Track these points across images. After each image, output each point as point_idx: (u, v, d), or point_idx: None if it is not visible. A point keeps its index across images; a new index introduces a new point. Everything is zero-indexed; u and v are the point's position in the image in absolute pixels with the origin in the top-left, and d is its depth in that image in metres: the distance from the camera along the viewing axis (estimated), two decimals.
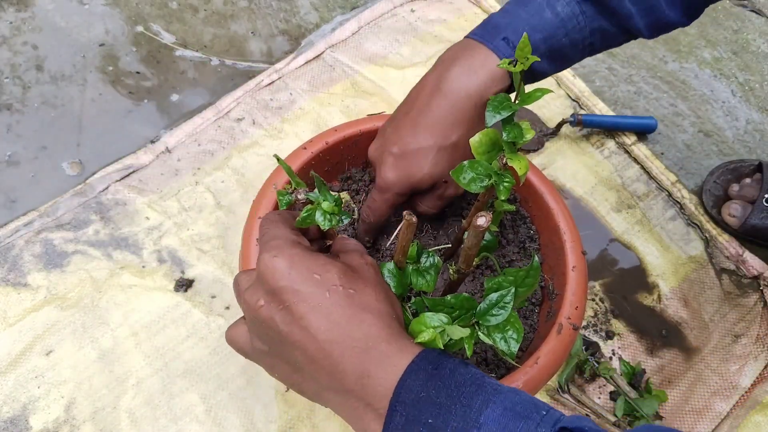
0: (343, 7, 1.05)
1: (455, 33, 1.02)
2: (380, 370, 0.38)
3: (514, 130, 0.39)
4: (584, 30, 0.57)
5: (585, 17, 0.56)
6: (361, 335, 0.39)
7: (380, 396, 0.37)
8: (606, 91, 0.99)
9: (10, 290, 0.74)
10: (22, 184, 0.82)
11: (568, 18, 0.55)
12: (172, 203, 0.81)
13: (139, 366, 0.70)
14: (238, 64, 0.96)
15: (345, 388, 0.38)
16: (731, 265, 0.84)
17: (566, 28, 0.56)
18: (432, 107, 0.55)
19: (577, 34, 0.57)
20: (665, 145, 0.94)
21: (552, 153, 0.91)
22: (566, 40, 0.56)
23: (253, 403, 0.68)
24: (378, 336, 0.39)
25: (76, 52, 0.95)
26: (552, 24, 0.55)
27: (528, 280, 0.40)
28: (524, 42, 0.36)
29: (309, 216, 0.43)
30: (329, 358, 0.38)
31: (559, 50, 0.57)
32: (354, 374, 0.38)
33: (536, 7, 0.55)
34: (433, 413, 0.36)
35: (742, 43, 1.06)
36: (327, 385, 0.39)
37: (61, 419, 0.66)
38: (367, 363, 0.38)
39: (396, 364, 0.38)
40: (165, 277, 0.76)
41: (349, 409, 0.39)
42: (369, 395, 0.38)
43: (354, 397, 0.38)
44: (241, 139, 0.87)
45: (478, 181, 0.41)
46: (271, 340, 0.41)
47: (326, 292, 0.39)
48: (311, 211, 0.43)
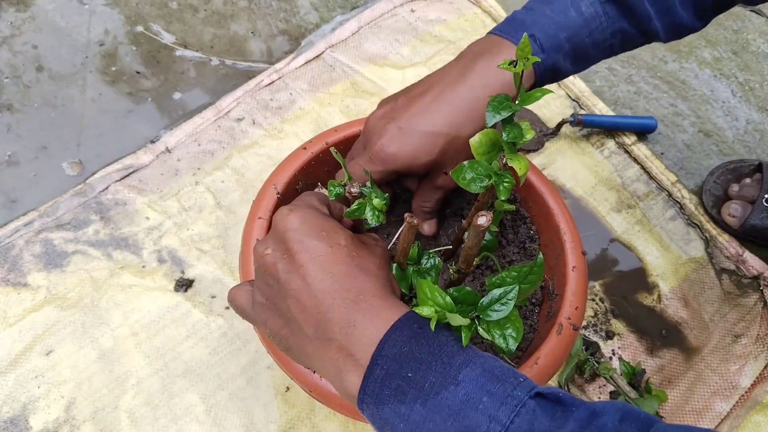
0: (343, 7, 1.04)
1: (455, 33, 1.02)
2: (367, 321, 0.39)
3: (514, 131, 0.39)
4: (606, 31, 0.57)
5: (607, 18, 0.56)
6: (354, 288, 0.40)
7: (363, 346, 0.38)
8: (606, 91, 0.99)
9: (10, 290, 0.74)
10: (23, 184, 0.82)
11: (591, 18, 0.56)
12: (172, 203, 0.81)
13: (139, 366, 0.70)
14: (238, 64, 0.96)
15: (330, 337, 0.39)
16: (731, 265, 0.84)
17: (589, 28, 0.56)
18: (452, 96, 0.54)
19: (600, 34, 0.57)
20: (665, 145, 0.94)
21: (552, 153, 0.91)
22: (589, 40, 0.57)
23: (253, 403, 0.68)
24: (370, 291, 0.40)
25: (76, 52, 0.95)
26: (576, 23, 0.55)
27: (531, 276, 0.40)
28: (524, 43, 0.36)
29: (359, 209, 0.43)
30: (319, 307, 0.39)
31: (582, 50, 0.57)
32: (340, 323, 0.39)
33: (561, 5, 0.55)
34: (413, 368, 0.36)
35: (742, 43, 1.06)
36: (313, 336, 0.40)
37: (61, 419, 0.66)
38: (355, 313, 0.39)
39: (383, 317, 0.39)
40: (165, 277, 0.76)
41: (330, 362, 0.39)
42: (352, 345, 0.38)
43: (337, 348, 0.39)
44: (241, 139, 0.87)
45: (478, 182, 0.41)
46: (271, 289, 0.42)
47: (329, 247, 0.41)
48: (362, 206, 0.44)
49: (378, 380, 0.37)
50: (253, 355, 0.71)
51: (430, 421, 0.35)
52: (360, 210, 0.43)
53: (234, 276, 0.76)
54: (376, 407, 0.37)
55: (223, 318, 0.73)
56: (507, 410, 0.34)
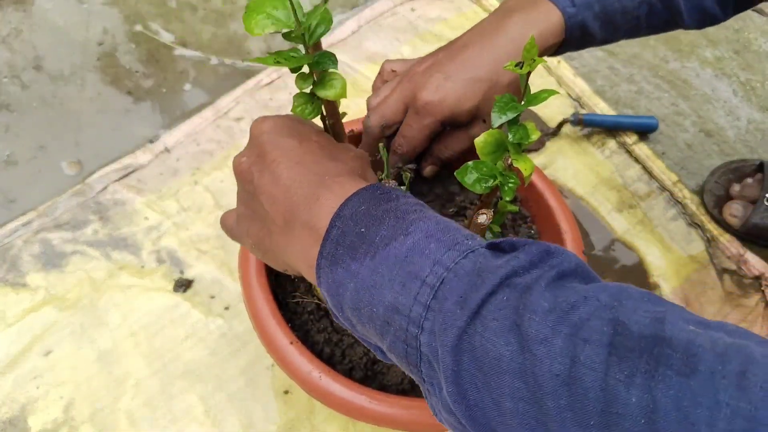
0: (343, 5, 1.04)
1: (456, 31, 1.01)
2: (329, 193, 0.38)
3: (520, 131, 0.39)
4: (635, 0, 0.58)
5: None
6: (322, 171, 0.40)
7: (324, 216, 0.37)
8: (607, 90, 0.99)
9: (8, 290, 0.73)
10: (21, 184, 0.81)
11: None
12: (171, 203, 0.81)
13: (138, 367, 0.69)
14: (237, 63, 0.96)
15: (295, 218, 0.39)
16: (733, 266, 0.84)
17: None
18: (492, 46, 0.56)
19: (629, 1, 0.58)
20: (666, 145, 0.94)
21: (553, 153, 0.91)
22: (618, 5, 0.58)
23: (252, 404, 0.68)
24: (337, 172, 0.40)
25: (74, 51, 0.94)
26: None
27: None
28: (531, 44, 0.35)
29: None
30: (287, 193, 0.39)
31: (611, 15, 0.58)
32: (305, 202, 0.38)
33: None
34: (367, 224, 0.36)
35: (743, 42, 1.06)
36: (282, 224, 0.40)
37: (60, 420, 0.66)
38: (319, 189, 0.39)
39: (347, 189, 0.38)
40: (164, 278, 0.75)
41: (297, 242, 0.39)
42: (314, 217, 0.38)
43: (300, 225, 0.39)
44: (241, 138, 0.87)
45: (483, 182, 0.41)
46: (248, 194, 0.43)
47: (300, 142, 0.41)
48: None
49: (333, 241, 0.36)
50: (253, 356, 0.70)
51: (377, 273, 0.34)
52: None
53: (233, 276, 0.75)
54: (330, 270, 0.36)
55: (222, 319, 0.73)
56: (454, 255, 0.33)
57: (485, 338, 0.30)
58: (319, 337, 0.56)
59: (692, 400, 0.25)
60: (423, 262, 0.33)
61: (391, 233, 0.35)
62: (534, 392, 0.28)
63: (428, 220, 0.36)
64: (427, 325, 0.32)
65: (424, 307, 0.32)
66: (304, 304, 0.58)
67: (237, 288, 0.75)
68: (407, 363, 0.34)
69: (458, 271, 0.33)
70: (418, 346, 0.33)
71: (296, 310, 0.58)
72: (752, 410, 0.24)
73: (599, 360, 0.27)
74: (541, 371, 0.28)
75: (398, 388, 0.55)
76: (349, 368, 0.55)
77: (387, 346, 0.35)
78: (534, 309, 0.30)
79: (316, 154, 0.41)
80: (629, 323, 0.28)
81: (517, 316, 0.30)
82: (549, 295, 0.30)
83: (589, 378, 0.27)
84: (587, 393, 0.27)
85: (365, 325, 0.35)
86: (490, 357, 0.30)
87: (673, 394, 0.25)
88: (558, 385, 0.27)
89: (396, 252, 0.34)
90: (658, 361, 0.26)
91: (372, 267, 0.34)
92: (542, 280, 0.31)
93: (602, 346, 0.27)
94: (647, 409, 0.25)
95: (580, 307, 0.29)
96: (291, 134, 0.42)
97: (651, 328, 0.27)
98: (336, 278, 0.36)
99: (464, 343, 0.31)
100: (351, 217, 0.36)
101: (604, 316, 0.28)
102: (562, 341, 0.28)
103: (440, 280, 0.32)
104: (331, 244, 0.36)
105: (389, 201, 0.37)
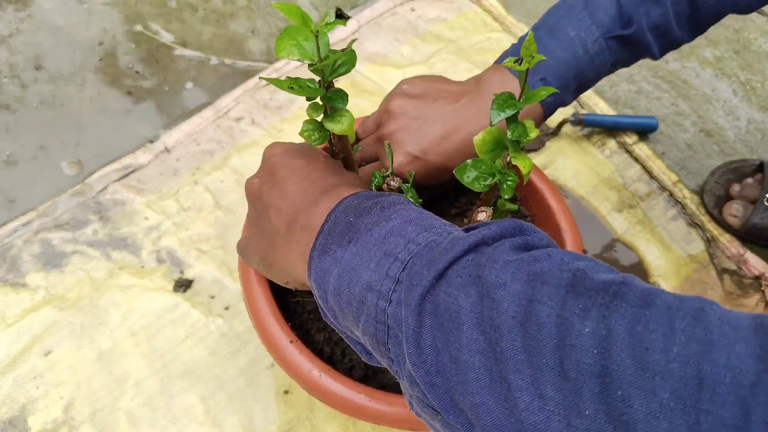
0: (343, 6, 1.04)
1: (455, 32, 1.01)
2: (328, 198, 0.40)
3: (519, 129, 0.39)
4: (607, 64, 0.59)
5: (610, 52, 0.58)
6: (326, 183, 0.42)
7: (321, 215, 0.39)
8: (607, 90, 0.99)
9: (8, 290, 0.73)
10: (21, 184, 0.81)
11: (596, 54, 0.57)
12: (171, 203, 0.81)
13: (138, 367, 0.69)
14: (237, 63, 0.96)
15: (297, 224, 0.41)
16: (733, 266, 0.84)
17: (594, 64, 0.57)
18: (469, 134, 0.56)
19: (602, 67, 0.59)
20: (666, 145, 0.94)
21: (553, 152, 0.91)
22: (593, 74, 0.58)
23: (252, 404, 0.68)
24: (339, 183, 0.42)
25: (74, 51, 0.94)
26: (583, 61, 0.56)
27: None
28: (530, 41, 0.35)
29: None
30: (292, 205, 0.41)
31: (584, 84, 0.59)
32: (306, 208, 0.40)
33: (569, 43, 0.56)
34: (356, 214, 0.37)
35: (743, 42, 1.06)
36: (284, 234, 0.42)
37: (59, 420, 0.66)
38: (321, 196, 0.41)
39: (343, 194, 0.40)
40: (164, 278, 0.75)
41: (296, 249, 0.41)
42: (313, 218, 0.40)
43: (300, 228, 0.40)
44: (241, 138, 0.87)
45: (482, 180, 0.41)
46: (257, 213, 0.45)
47: (309, 162, 0.44)
48: None
49: (325, 232, 0.38)
50: (253, 356, 0.70)
51: (357, 255, 0.35)
52: None
53: (233, 276, 0.75)
54: (319, 260, 0.37)
55: (222, 319, 0.73)
56: (428, 235, 0.34)
57: (448, 294, 0.30)
58: (319, 337, 0.56)
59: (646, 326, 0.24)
60: (398, 242, 0.34)
61: (375, 220, 0.36)
62: (489, 340, 0.28)
63: (411, 210, 0.37)
64: (394, 297, 0.33)
65: (393, 280, 0.33)
66: (304, 304, 0.58)
67: (237, 288, 0.75)
68: (377, 343, 0.34)
69: (430, 245, 0.33)
70: (386, 320, 0.33)
71: (296, 309, 0.58)
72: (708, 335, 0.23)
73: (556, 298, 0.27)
74: (498, 315, 0.28)
75: (398, 387, 0.55)
76: (349, 367, 0.55)
77: (361, 329, 0.35)
78: (495, 260, 0.30)
79: (323, 171, 0.44)
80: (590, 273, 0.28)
81: (479, 269, 0.30)
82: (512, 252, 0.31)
83: (544, 313, 0.27)
84: (541, 329, 0.26)
85: (344, 311, 0.36)
86: (450, 311, 0.30)
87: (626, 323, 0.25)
88: (513, 325, 0.27)
89: (376, 235, 0.35)
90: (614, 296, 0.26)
91: (354, 251, 0.35)
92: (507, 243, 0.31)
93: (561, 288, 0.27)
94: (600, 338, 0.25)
95: (542, 260, 0.29)
96: (300, 156, 0.45)
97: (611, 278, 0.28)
98: (323, 266, 0.37)
99: (427, 303, 0.31)
100: (343, 210, 0.38)
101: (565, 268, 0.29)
102: (521, 286, 0.28)
103: (411, 255, 0.33)
104: (323, 236, 0.38)
105: (380, 197, 0.39)
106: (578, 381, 0.25)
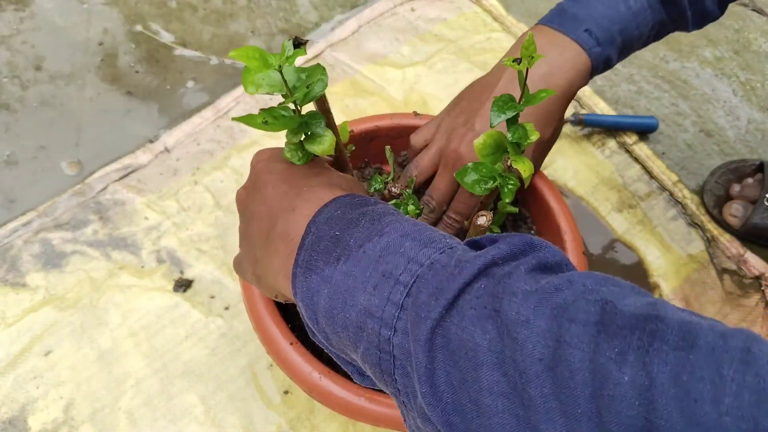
0: (343, 5, 1.04)
1: (456, 32, 1.01)
2: (305, 203, 0.38)
3: (519, 131, 0.39)
4: (649, 24, 0.59)
5: (651, 11, 0.58)
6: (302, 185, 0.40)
7: (298, 223, 0.37)
8: (607, 90, 0.99)
9: (8, 290, 0.73)
10: (21, 184, 0.81)
11: (638, 11, 0.57)
12: (171, 203, 0.81)
13: (138, 366, 0.69)
14: (237, 63, 0.96)
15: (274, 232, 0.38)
16: (733, 266, 0.84)
17: (637, 21, 0.58)
18: None
19: (645, 27, 0.59)
20: (666, 145, 0.94)
21: (553, 152, 0.91)
22: (636, 32, 0.58)
23: (252, 404, 0.68)
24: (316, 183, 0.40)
25: (75, 51, 0.94)
26: (626, 17, 0.57)
27: None
28: (529, 41, 0.35)
29: None
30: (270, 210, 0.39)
31: (629, 42, 0.59)
32: (282, 214, 0.38)
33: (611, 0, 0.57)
34: (341, 227, 0.34)
35: (743, 42, 1.06)
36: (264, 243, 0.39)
37: (59, 420, 0.66)
38: (296, 200, 0.38)
39: (322, 198, 0.37)
40: (164, 278, 0.75)
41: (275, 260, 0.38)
42: (289, 226, 0.37)
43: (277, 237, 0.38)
44: (241, 138, 0.87)
45: (482, 183, 0.41)
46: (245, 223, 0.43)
47: (290, 166, 0.42)
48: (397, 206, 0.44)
49: (308, 248, 0.35)
50: (253, 356, 0.70)
51: (350, 276, 0.32)
52: None
53: (233, 276, 0.75)
54: (304, 278, 0.34)
55: (222, 318, 0.73)
56: (429, 252, 0.31)
57: (461, 328, 0.28)
58: None
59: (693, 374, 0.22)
60: (397, 261, 0.31)
61: (366, 234, 0.33)
62: (514, 384, 0.26)
63: (404, 222, 0.34)
64: (400, 326, 0.30)
65: (396, 306, 0.30)
66: None
67: (237, 288, 0.75)
68: (381, 372, 0.32)
69: (434, 266, 0.30)
70: (391, 350, 0.30)
71: (296, 310, 0.58)
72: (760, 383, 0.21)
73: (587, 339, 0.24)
74: (522, 357, 0.25)
75: None
76: None
77: (360, 355, 0.32)
78: (514, 291, 0.27)
79: (303, 173, 0.41)
80: (618, 305, 0.25)
81: (495, 302, 0.27)
82: (530, 279, 0.28)
83: (576, 358, 0.24)
84: (574, 375, 0.24)
85: (339, 334, 0.33)
86: (466, 349, 0.27)
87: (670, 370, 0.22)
88: (541, 370, 0.25)
89: (370, 253, 0.32)
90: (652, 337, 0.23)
91: (345, 270, 0.33)
92: (522, 266, 0.29)
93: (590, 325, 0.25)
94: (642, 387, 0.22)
95: (564, 289, 0.27)
96: (282, 159, 0.42)
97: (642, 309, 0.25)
98: (310, 286, 0.34)
99: (438, 337, 0.28)
100: (326, 222, 0.35)
101: (590, 298, 0.26)
102: (545, 322, 0.26)
103: (414, 277, 0.30)
104: (305, 252, 0.35)
105: (365, 206, 0.36)
106: None
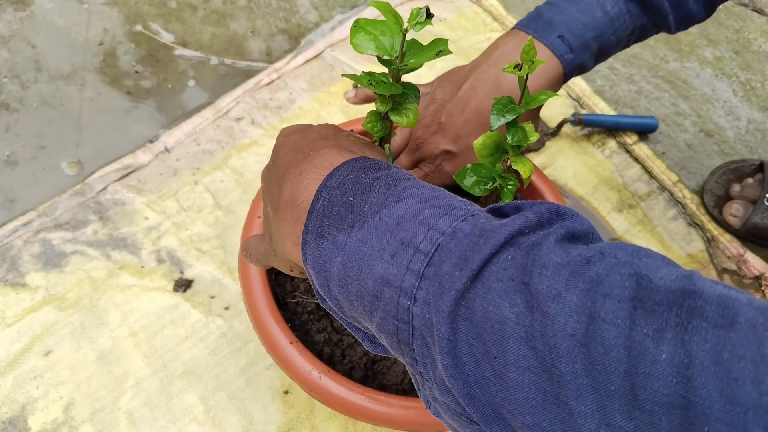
0: (343, 5, 1.04)
1: (455, 32, 1.01)
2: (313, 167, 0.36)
3: (519, 133, 0.39)
4: (628, 29, 0.58)
5: (630, 16, 0.58)
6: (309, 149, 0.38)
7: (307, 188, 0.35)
8: (607, 90, 0.99)
9: (8, 290, 0.73)
10: (21, 184, 0.81)
11: (616, 17, 0.57)
12: (171, 203, 0.81)
13: (138, 366, 0.70)
14: (237, 63, 0.96)
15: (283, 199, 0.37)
16: (733, 266, 0.84)
17: (614, 27, 0.57)
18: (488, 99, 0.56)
19: (623, 32, 0.58)
20: (666, 145, 0.94)
21: (553, 153, 0.91)
22: (614, 38, 0.58)
23: (252, 404, 0.68)
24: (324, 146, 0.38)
25: (74, 51, 0.94)
26: (602, 23, 0.56)
27: None
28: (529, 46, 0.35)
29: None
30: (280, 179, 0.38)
31: (606, 48, 0.58)
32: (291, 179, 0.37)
33: (586, 4, 0.56)
34: (355, 192, 0.33)
35: (743, 42, 1.06)
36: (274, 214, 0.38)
37: (59, 420, 0.66)
38: (304, 164, 0.37)
39: (332, 162, 0.36)
40: (164, 278, 0.75)
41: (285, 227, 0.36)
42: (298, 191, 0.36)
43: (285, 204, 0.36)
44: (241, 138, 0.87)
45: (482, 184, 0.41)
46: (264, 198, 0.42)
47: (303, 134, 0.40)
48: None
49: (319, 213, 0.33)
50: (253, 356, 0.70)
51: (365, 243, 0.31)
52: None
53: (233, 276, 0.75)
54: (316, 245, 0.33)
55: (222, 318, 0.73)
56: (450, 219, 0.30)
57: (487, 300, 0.27)
58: (319, 337, 0.56)
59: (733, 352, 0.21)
60: (416, 228, 0.30)
61: (382, 200, 0.32)
62: (543, 359, 0.25)
63: (422, 187, 0.33)
64: (420, 295, 0.29)
65: (417, 276, 0.29)
66: (304, 304, 0.58)
67: (237, 288, 0.75)
68: (398, 342, 0.31)
69: (456, 234, 0.29)
70: (410, 320, 0.30)
71: (296, 310, 0.58)
72: None
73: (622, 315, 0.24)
74: (553, 332, 0.25)
75: (398, 388, 0.55)
76: (349, 368, 0.55)
77: (376, 324, 0.31)
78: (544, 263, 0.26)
79: (313, 138, 0.40)
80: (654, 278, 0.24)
81: (524, 274, 0.27)
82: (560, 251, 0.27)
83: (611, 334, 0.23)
84: (608, 352, 0.23)
85: (353, 303, 0.32)
86: (492, 321, 0.26)
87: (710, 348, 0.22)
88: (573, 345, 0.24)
89: (386, 220, 0.31)
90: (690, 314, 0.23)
91: (360, 237, 0.31)
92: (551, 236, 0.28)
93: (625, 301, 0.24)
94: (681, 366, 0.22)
95: (596, 262, 0.26)
96: (298, 131, 0.42)
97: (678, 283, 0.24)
98: (322, 252, 0.33)
99: (462, 309, 0.28)
100: (338, 186, 0.34)
101: (624, 272, 0.25)
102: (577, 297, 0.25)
103: (436, 245, 0.29)
104: (316, 217, 0.33)
105: (379, 170, 0.34)
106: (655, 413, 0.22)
